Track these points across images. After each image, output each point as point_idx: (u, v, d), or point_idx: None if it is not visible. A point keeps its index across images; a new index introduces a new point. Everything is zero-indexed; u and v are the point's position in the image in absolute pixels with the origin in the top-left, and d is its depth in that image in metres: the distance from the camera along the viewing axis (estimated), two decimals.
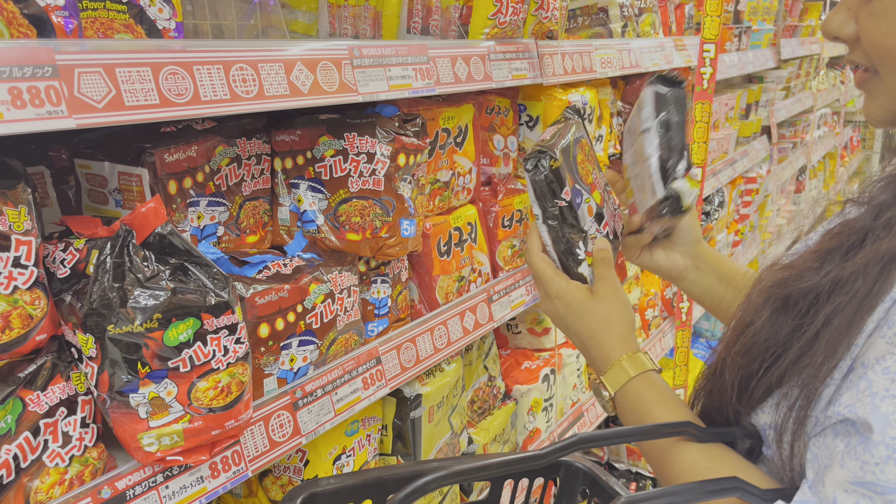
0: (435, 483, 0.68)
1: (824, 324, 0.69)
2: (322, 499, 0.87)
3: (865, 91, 0.79)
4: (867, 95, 0.79)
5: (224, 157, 1.16)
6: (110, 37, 0.93)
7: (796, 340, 0.71)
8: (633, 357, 0.89)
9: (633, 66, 2.03)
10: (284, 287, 1.09)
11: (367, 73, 1.14)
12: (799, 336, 0.71)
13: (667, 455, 0.82)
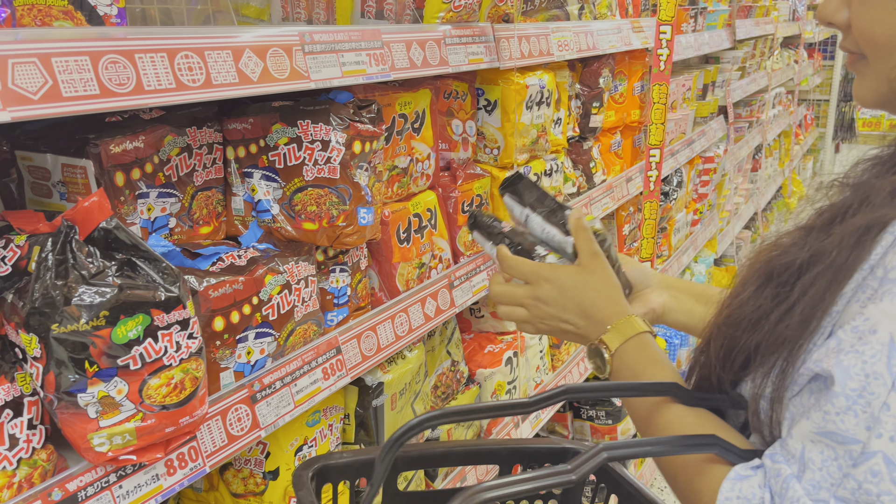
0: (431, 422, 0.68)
1: (802, 293, 0.71)
2: (335, 471, 0.89)
3: (855, 72, 0.81)
4: (857, 78, 0.81)
5: (174, 146, 1.13)
6: (48, 24, 0.90)
7: (776, 309, 0.74)
8: (630, 319, 0.92)
9: (590, 48, 2.03)
10: (239, 279, 1.07)
11: (319, 60, 1.12)
12: (779, 305, 0.74)
13: (654, 411, 0.84)
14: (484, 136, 1.79)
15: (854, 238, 0.68)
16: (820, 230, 0.74)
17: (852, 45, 0.79)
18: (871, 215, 0.68)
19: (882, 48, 0.75)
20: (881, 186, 0.69)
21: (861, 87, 0.80)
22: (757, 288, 0.78)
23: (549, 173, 2.01)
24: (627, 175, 2.58)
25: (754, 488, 0.68)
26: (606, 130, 2.52)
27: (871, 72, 0.78)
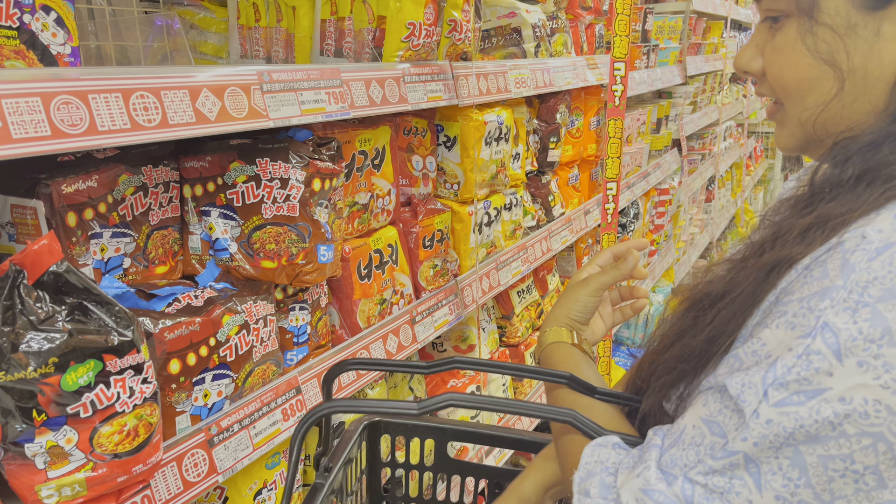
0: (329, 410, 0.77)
1: (713, 318, 0.76)
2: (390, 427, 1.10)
3: (775, 121, 0.85)
4: (777, 125, 0.85)
5: (129, 185, 1.12)
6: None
7: (692, 330, 0.79)
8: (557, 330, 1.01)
9: (547, 85, 2.07)
10: (195, 320, 1.05)
11: (277, 98, 1.12)
12: (695, 327, 0.78)
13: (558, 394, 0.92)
14: (444, 171, 1.81)
15: (763, 273, 0.72)
16: (738, 264, 0.78)
17: (768, 90, 0.83)
18: (779, 253, 0.71)
19: (795, 93, 0.78)
20: (791, 227, 0.73)
21: (781, 134, 0.84)
22: (682, 312, 0.83)
23: (508, 207, 2.03)
24: (585, 208, 2.62)
25: (610, 452, 0.75)
26: (564, 164, 2.56)
27: (787, 118, 0.81)
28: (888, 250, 0.61)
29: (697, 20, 4.15)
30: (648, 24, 3.27)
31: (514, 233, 2.10)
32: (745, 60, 0.84)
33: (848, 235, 0.65)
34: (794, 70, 0.77)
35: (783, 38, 0.78)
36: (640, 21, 3.18)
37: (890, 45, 0.72)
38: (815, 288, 0.64)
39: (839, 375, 0.60)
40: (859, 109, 0.75)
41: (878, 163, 0.70)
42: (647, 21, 3.25)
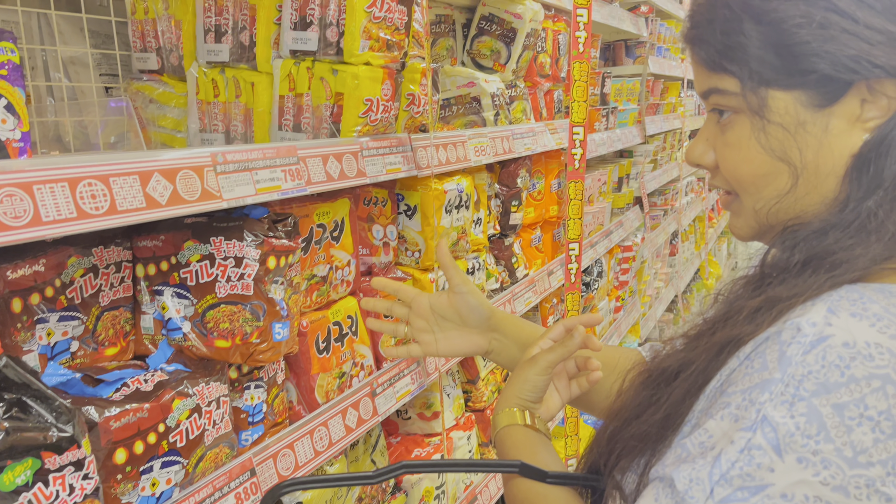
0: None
1: (668, 395, 0.77)
2: None
3: (730, 211, 0.88)
4: (732, 214, 0.87)
5: (78, 268, 1.10)
6: None
7: (650, 408, 0.80)
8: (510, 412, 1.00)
9: (506, 152, 2.11)
10: (144, 406, 1.03)
11: (231, 179, 1.13)
12: (652, 404, 0.80)
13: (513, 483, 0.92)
14: (405, 239, 1.82)
15: (714, 351, 0.74)
16: (692, 341, 0.81)
17: (722, 182, 0.86)
18: (729, 333, 0.74)
19: (750, 187, 0.81)
20: (741, 308, 0.75)
21: (737, 223, 0.87)
22: (640, 386, 0.85)
23: (471, 272, 2.04)
24: (549, 268, 2.64)
25: None
26: (527, 226, 2.59)
27: (743, 209, 0.84)
28: (821, 344, 0.63)
29: (655, 82, 4.29)
30: (607, 87, 3.37)
31: None
32: (697, 155, 0.87)
33: (784, 326, 0.67)
34: (748, 166, 0.80)
35: (735, 134, 0.80)
36: (598, 85, 3.27)
37: (838, 139, 0.76)
38: (756, 380, 0.65)
39: (780, 471, 0.61)
40: (811, 201, 0.78)
41: (823, 250, 0.72)
42: (605, 85, 3.35)
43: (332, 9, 1.41)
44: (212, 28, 1.52)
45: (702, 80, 0.84)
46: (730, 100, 0.80)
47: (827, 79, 0.74)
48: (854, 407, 0.60)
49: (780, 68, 0.76)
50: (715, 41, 0.80)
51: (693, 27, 0.84)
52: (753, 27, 0.76)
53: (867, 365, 0.61)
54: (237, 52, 1.52)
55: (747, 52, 0.77)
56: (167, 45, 1.58)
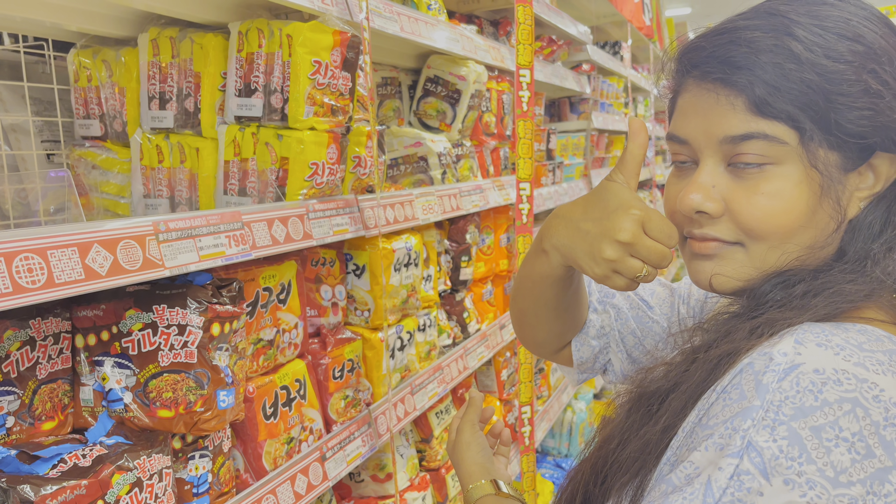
0: None
1: (666, 409, 0.79)
2: None
3: (718, 256, 0.84)
4: (719, 262, 0.84)
5: (14, 341, 1.08)
6: None
7: (644, 427, 0.81)
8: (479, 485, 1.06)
9: (454, 209, 2.15)
10: (81, 483, 1.00)
11: (174, 247, 1.12)
12: (646, 423, 0.81)
13: None
14: (354, 299, 1.82)
15: (713, 363, 0.77)
16: (682, 363, 0.82)
17: (725, 231, 0.83)
18: (728, 346, 0.77)
19: (780, 237, 0.80)
20: (742, 327, 0.78)
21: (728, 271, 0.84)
22: (627, 412, 0.86)
23: (422, 329, 2.05)
24: (500, 322, 2.67)
25: None
26: (478, 281, 2.62)
27: (748, 258, 0.83)
28: (794, 371, 0.67)
29: (599, 136, 4.43)
30: (552, 143, 3.47)
31: (430, 354, 2.10)
32: (703, 201, 0.83)
33: (756, 356, 0.71)
34: (788, 215, 0.79)
35: (776, 184, 0.79)
36: (544, 141, 3.37)
37: (849, 203, 0.81)
38: (736, 409, 0.68)
39: (769, 495, 0.64)
40: (820, 255, 0.81)
41: (822, 286, 0.77)
42: (550, 140, 3.45)
43: (277, 76, 1.44)
44: (156, 95, 1.54)
45: (737, 123, 0.80)
46: (774, 148, 0.78)
47: (863, 147, 0.79)
48: (830, 429, 0.64)
49: (837, 127, 0.77)
50: (777, 86, 0.77)
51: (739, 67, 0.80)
52: (821, 83, 0.77)
53: (837, 389, 0.65)
54: (182, 119, 1.53)
55: (812, 105, 0.77)
56: (111, 112, 1.59)
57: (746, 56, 0.79)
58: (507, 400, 2.83)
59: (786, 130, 0.78)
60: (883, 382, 0.66)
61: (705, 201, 0.82)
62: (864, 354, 0.68)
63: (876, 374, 0.66)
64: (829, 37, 0.78)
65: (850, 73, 0.77)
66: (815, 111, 0.77)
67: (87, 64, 1.59)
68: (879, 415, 0.64)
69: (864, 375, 0.66)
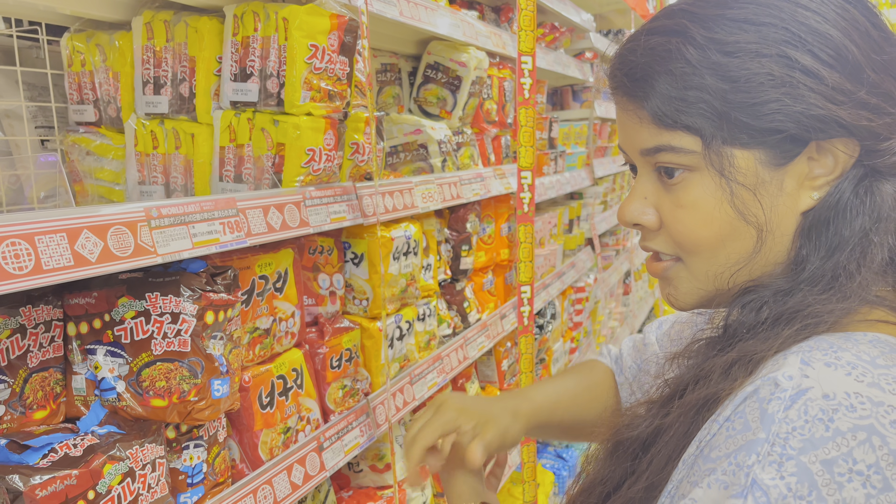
0: None
1: (648, 463, 0.75)
2: None
3: (668, 278, 0.83)
4: (670, 282, 0.82)
5: (4, 329, 1.06)
6: None
7: (627, 479, 0.77)
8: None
9: (454, 197, 2.13)
10: (72, 473, 0.98)
11: (167, 233, 1.10)
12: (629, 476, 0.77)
13: None
14: (353, 287, 1.80)
15: (692, 412, 0.72)
16: (661, 405, 0.78)
17: (663, 245, 0.81)
18: (705, 392, 0.72)
19: (707, 250, 0.77)
20: (715, 366, 0.73)
21: (679, 290, 0.82)
22: (606, 457, 0.82)
23: (421, 318, 2.03)
24: (501, 312, 2.65)
25: None
26: (478, 270, 2.59)
27: (690, 275, 0.80)
28: (801, 398, 0.61)
29: (602, 125, 4.40)
30: (554, 131, 3.44)
31: (429, 343, 2.09)
32: (636, 214, 0.81)
33: (760, 383, 0.65)
34: (708, 228, 0.76)
35: (691, 194, 0.76)
36: (546, 130, 3.34)
37: (791, 199, 0.75)
38: (740, 441, 0.63)
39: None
40: (766, 261, 0.77)
41: (792, 308, 0.72)
42: (553, 129, 3.42)
43: (273, 60, 1.41)
44: (150, 80, 1.51)
45: (647, 136, 0.79)
46: (685, 158, 0.76)
47: (790, 138, 0.73)
48: (843, 462, 0.58)
49: (744, 126, 0.73)
50: (672, 96, 0.75)
51: (637, 80, 0.78)
52: (716, 83, 0.73)
53: (850, 416, 0.59)
54: (177, 104, 1.51)
55: (710, 110, 0.73)
56: (105, 97, 1.56)
57: (644, 67, 0.77)
58: (507, 390, 2.82)
59: (690, 139, 0.75)
60: (893, 402, 0.60)
61: (641, 215, 0.82)
62: (878, 372, 0.62)
63: (893, 395, 0.61)
64: (728, 28, 0.73)
65: (747, 65, 0.72)
66: (713, 115, 0.73)
67: (81, 48, 1.56)
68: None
69: (879, 398, 0.60)
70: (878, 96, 0.73)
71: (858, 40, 0.72)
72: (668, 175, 0.78)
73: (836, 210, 0.74)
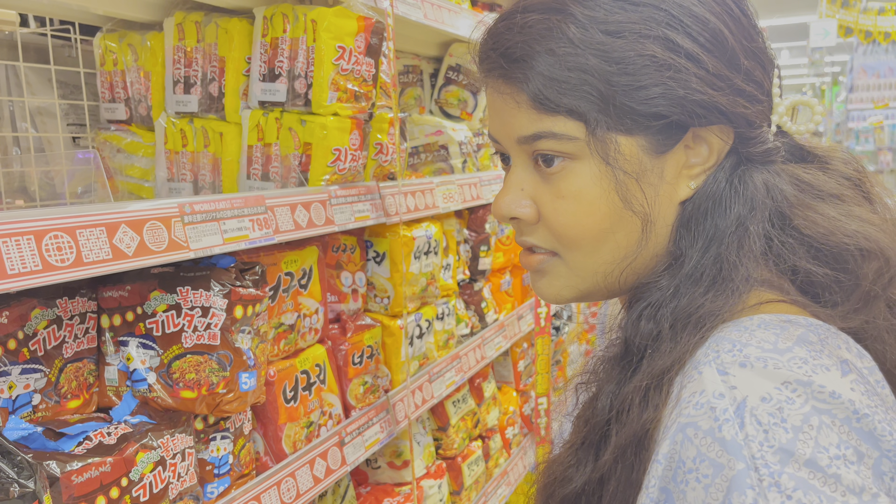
0: None
1: None
2: None
3: (541, 271, 0.78)
4: (543, 275, 0.78)
5: (42, 319, 1.09)
6: None
7: None
8: None
9: (474, 198, 2.15)
10: (107, 460, 1.01)
11: (199, 229, 1.13)
12: None
13: None
14: (374, 286, 1.83)
15: (630, 456, 0.68)
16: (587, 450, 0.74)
17: (542, 240, 0.77)
18: (631, 429, 0.68)
19: (588, 243, 0.73)
20: (629, 397, 0.69)
21: (554, 284, 0.78)
22: None
23: (440, 317, 2.05)
24: (518, 313, 2.66)
25: None
26: (496, 271, 2.61)
27: (569, 269, 0.76)
28: (745, 410, 0.59)
29: None
30: None
31: (448, 342, 2.11)
32: (512, 207, 0.76)
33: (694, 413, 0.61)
34: (590, 219, 0.72)
35: (572, 183, 0.72)
36: None
37: (671, 188, 0.73)
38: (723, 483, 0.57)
39: None
40: (647, 254, 0.75)
41: (685, 310, 0.69)
42: None
43: (301, 61, 1.44)
44: (181, 79, 1.54)
45: (525, 122, 0.73)
46: (566, 145, 0.72)
47: (671, 125, 0.71)
48: (820, 455, 0.56)
49: (628, 111, 0.69)
50: (554, 77, 0.70)
51: (514, 60, 0.72)
52: (600, 64, 0.69)
53: (793, 409, 0.58)
54: (206, 103, 1.54)
55: (595, 93, 0.69)
56: (136, 96, 1.60)
57: (522, 45, 0.71)
58: (523, 391, 2.83)
59: (572, 124, 0.70)
60: (818, 380, 0.60)
61: (517, 207, 0.76)
62: (786, 357, 0.61)
63: (814, 374, 0.60)
64: (608, 7, 0.69)
65: (632, 47, 0.68)
66: (597, 98, 0.69)
67: (113, 48, 1.60)
68: (843, 412, 0.58)
69: (803, 379, 0.59)
70: (751, 83, 0.72)
71: (732, 26, 0.71)
72: (547, 164, 0.73)
73: (713, 199, 0.72)
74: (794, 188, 0.73)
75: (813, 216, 0.72)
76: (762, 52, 0.75)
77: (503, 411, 2.65)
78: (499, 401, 2.62)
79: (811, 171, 0.75)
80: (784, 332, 0.64)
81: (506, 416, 2.65)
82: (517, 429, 2.73)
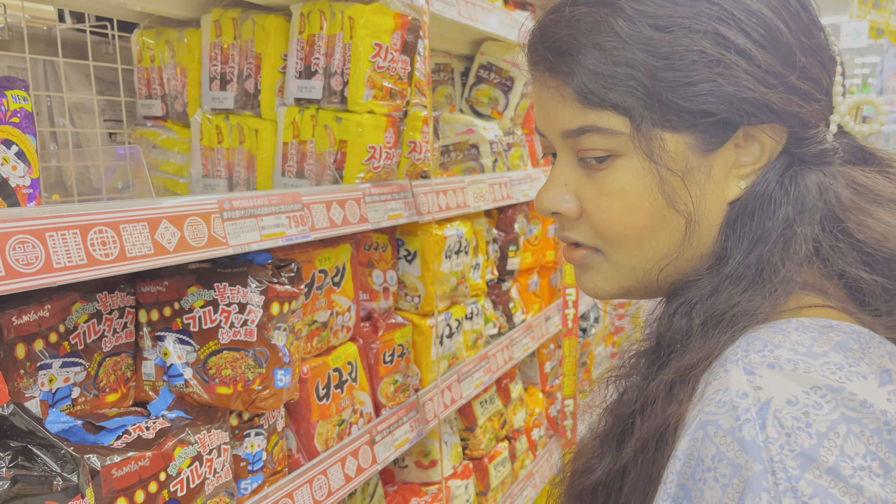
0: None
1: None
2: None
3: (586, 266, 0.78)
4: (587, 270, 0.78)
5: (82, 313, 1.10)
6: None
7: None
8: None
9: (504, 198, 2.13)
10: (146, 455, 1.01)
11: (237, 225, 1.13)
12: None
13: None
14: (405, 284, 1.82)
15: (651, 449, 0.67)
16: (611, 440, 0.74)
17: (584, 235, 0.76)
18: (654, 423, 0.67)
19: (632, 241, 0.73)
20: (655, 392, 0.69)
21: (596, 279, 0.77)
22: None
23: (469, 317, 2.04)
24: (546, 314, 2.65)
25: None
26: (524, 271, 2.60)
27: (612, 265, 0.76)
28: (768, 412, 0.58)
29: None
30: None
31: (476, 342, 2.10)
32: (555, 202, 0.76)
33: (716, 411, 0.60)
34: (634, 217, 0.71)
35: (617, 180, 0.72)
36: None
37: (718, 187, 0.72)
38: (738, 484, 0.57)
39: None
40: (692, 254, 0.74)
41: (720, 308, 0.68)
42: None
43: (337, 59, 1.44)
44: (217, 76, 1.55)
45: (571, 116, 0.73)
46: (611, 140, 0.71)
47: (720, 122, 0.69)
48: (843, 464, 0.55)
49: (675, 108, 0.68)
50: (600, 72, 0.69)
51: (561, 54, 0.72)
52: (647, 59, 0.68)
53: (820, 415, 0.57)
54: (242, 100, 1.54)
55: (641, 88, 0.68)
56: (172, 92, 1.61)
57: (569, 39, 0.71)
58: (549, 392, 2.82)
59: (617, 119, 0.70)
60: (850, 388, 0.57)
61: (559, 203, 0.76)
62: (820, 362, 0.59)
63: (847, 381, 0.58)
64: (658, 1, 0.68)
65: (680, 41, 0.67)
66: (643, 93, 0.68)
67: (151, 44, 1.61)
68: (874, 422, 0.56)
69: (835, 386, 0.58)
70: (807, 81, 0.70)
71: (790, 22, 0.69)
72: (598, 160, 0.72)
73: (762, 200, 0.70)
74: (849, 191, 0.71)
75: (867, 220, 0.70)
76: (822, 48, 0.72)
77: (529, 413, 2.63)
78: (525, 402, 2.60)
79: (870, 175, 0.73)
80: (822, 336, 0.62)
81: (532, 418, 2.64)
82: (543, 431, 2.72)
